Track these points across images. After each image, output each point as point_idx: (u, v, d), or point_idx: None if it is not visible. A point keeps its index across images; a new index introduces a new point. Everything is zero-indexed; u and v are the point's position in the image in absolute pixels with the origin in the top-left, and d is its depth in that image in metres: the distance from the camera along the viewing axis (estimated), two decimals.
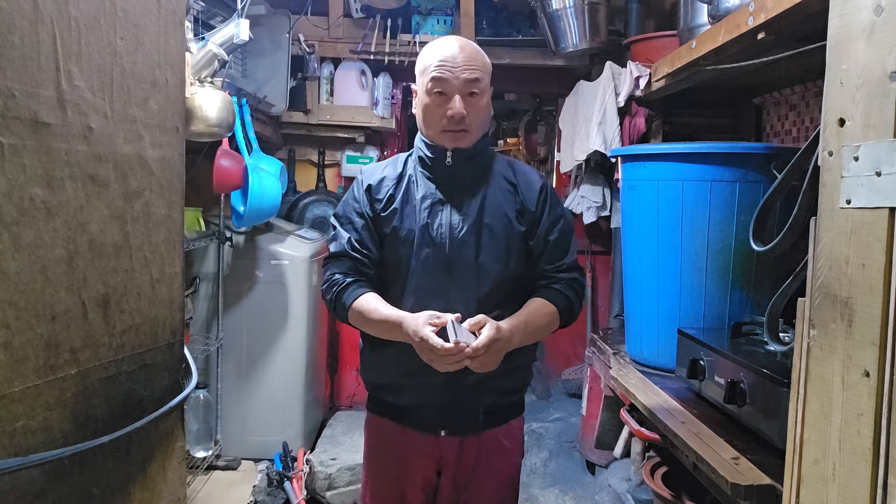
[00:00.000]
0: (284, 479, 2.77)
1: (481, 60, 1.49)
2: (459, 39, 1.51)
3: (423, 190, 1.52)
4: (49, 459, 1.10)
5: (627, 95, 2.73)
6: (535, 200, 1.54)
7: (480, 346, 1.34)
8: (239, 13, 2.28)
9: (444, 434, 1.54)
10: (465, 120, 1.46)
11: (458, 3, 3.39)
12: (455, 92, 1.45)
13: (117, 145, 1.33)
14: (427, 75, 1.47)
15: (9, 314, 1.06)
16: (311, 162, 3.76)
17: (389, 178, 1.54)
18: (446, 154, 1.50)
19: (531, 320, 1.48)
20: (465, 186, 1.52)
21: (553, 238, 1.55)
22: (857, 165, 0.97)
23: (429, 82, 1.46)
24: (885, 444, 0.90)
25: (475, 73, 1.46)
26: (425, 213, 1.49)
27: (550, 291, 1.53)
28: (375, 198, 1.53)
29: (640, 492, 2.43)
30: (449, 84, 1.44)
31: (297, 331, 3.08)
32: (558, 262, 1.55)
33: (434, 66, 1.45)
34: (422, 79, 1.49)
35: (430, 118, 1.48)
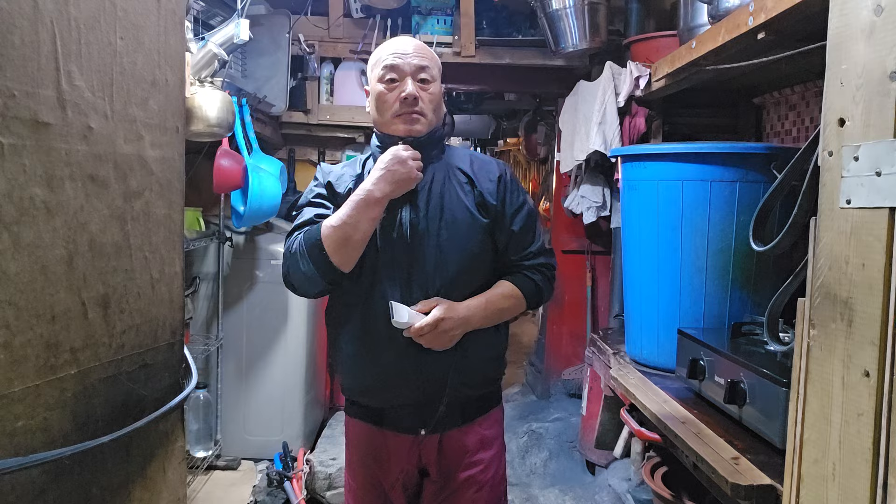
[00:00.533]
0: (284, 479, 2.77)
1: (430, 54, 1.55)
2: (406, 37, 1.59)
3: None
4: (49, 459, 1.10)
5: (627, 95, 2.73)
6: (494, 192, 1.54)
7: (425, 325, 1.40)
8: (239, 13, 2.28)
9: (423, 433, 1.53)
10: (418, 101, 1.48)
11: (458, 3, 3.39)
12: (407, 76, 1.49)
13: (117, 145, 1.33)
14: (378, 66, 1.51)
15: (9, 314, 1.06)
16: (311, 162, 3.76)
17: (348, 175, 1.57)
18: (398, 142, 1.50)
19: (492, 301, 1.51)
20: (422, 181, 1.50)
21: (517, 228, 1.55)
22: (857, 165, 0.97)
23: (381, 70, 1.50)
24: (885, 444, 0.90)
25: (424, 62, 1.50)
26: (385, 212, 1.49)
27: (516, 276, 1.56)
28: (336, 192, 1.54)
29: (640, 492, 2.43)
30: (400, 69, 1.49)
31: (297, 331, 3.08)
32: (524, 250, 1.57)
33: (385, 56, 1.51)
34: (373, 72, 1.53)
35: (383, 105, 1.51)
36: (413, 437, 1.54)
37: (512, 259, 1.57)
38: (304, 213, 1.54)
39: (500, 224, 1.54)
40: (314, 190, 1.58)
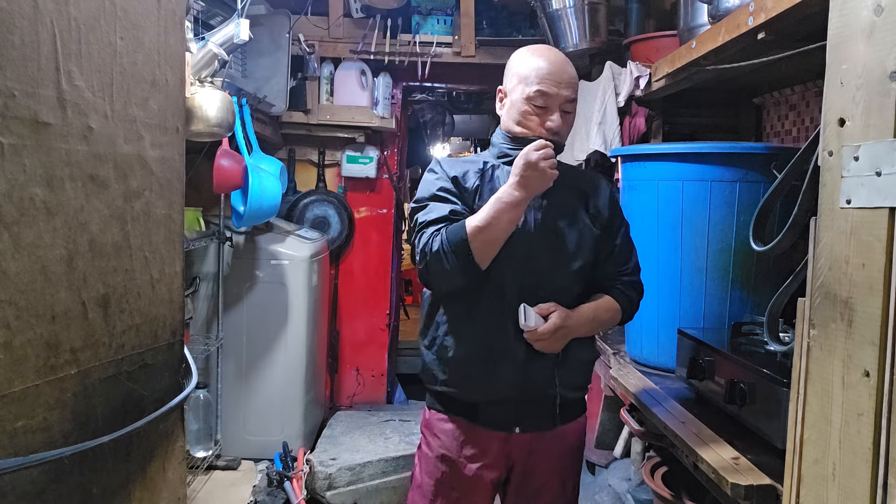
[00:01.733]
0: (284, 479, 2.77)
1: (577, 79, 1.58)
2: (559, 54, 1.58)
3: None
4: (49, 459, 1.10)
5: (627, 95, 2.73)
6: (605, 205, 1.61)
7: (546, 331, 1.46)
8: (239, 13, 2.28)
9: (517, 431, 1.55)
10: (559, 132, 1.54)
11: (458, 3, 3.39)
12: (556, 107, 1.52)
13: (117, 145, 1.33)
14: (530, 85, 1.51)
15: (9, 314, 1.06)
16: (311, 162, 3.76)
17: (472, 171, 1.57)
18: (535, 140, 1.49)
19: (598, 314, 1.57)
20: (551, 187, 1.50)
21: (619, 242, 1.62)
22: (857, 165, 0.97)
23: (532, 92, 1.50)
24: (885, 444, 0.90)
25: (574, 93, 1.55)
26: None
27: (616, 291, 1.61)
28: (464, 187, 1.55)
29: (640, 492, 2.43)
30: (552, 99, 1.51)
31: (297, 331, 3.08)
32: (623, 265, 1.63)
33: (540, 78, 1.50)
34: (522, 86, 1.53)
35: (526, 126, 1.54)
36: (506, 434, 1.55)
37: (610, 272, 1.62)
38: (434, 209, 1.51)
39: (606, 237, 1.61)
40: (437, 183, 1.55)
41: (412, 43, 3.40)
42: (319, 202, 3.70)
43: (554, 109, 1.53)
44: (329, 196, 3.71)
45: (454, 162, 1.63)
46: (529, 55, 1.57)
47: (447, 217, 1.49)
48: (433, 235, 1.47)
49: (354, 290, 3.82)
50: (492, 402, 1.54)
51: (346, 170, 3.69)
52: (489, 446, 1.56)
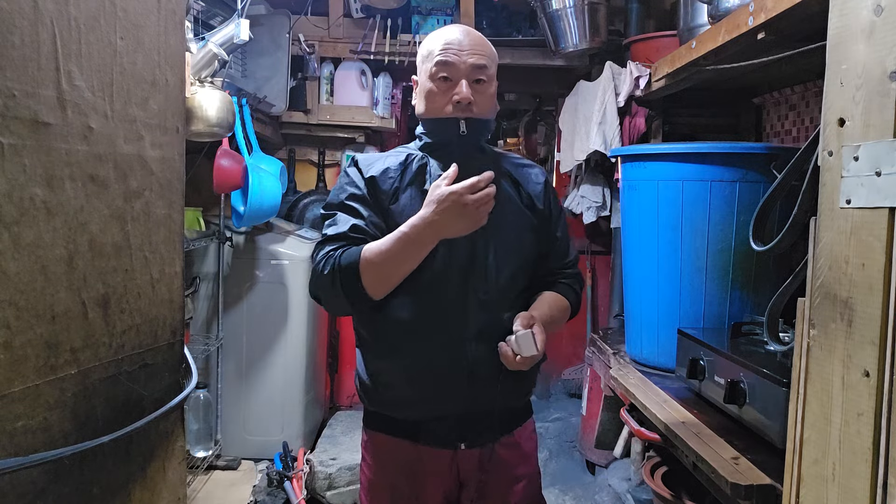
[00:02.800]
0: (284, 479, 2.77)
1: (488, 48, 1.42)
2: (465, 27, 1.44)
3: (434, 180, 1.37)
4: (49, 459, 1.10)
5: (627, 95, 2.73)
6: (540, 196, 1.49)
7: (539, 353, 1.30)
8: (239, 13, 2.28)
9: (463, 447, 1.43)
10: (471, 106, 1.37)
11: (458, 3, 3.39)
12: (461, 76, 1.37)
13: (117, 145, 1.33)
14: (431, 60, 1.38)
15: (9, 314, 1.06)
16: (311, 162, 3.76)
17: (393, 166, 1.43)
18: (460, 124, 1.38)
19: (554, 315, 1.44)
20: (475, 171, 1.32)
21: (560, 235, 1.53)
22: (857, 165, 0.97)
23: (433, 67, 1.38)
24: (885, 444, 0.90)
25: (482, 60, 1.38)
26: None
27: (561, 286, 1.52)
28: (381, 189, 1.40)
29: (640, 492, 2.43)
30: (455, 68, 1.37)
31: (297, 331, 3.08)
32: (564, 259, 1.55)
33: (439, 50, 1.38)
34: (425, 65, 1.41)
35: (434, 105, 1.39)
36: (452, 451, 1.43)
37: (553, 268, 1.52)
38: (339, 221, 1.39)
39: (545, 229, 1.49)
40: (347, 189, 1.42)
41: (412, 43, 3.40)
42: (319, 202, 3.69)
43: (460, 81, 1.36)
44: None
45: (374, 158, 1.46)
46: (432, 34, 1.44)
47: (345, 235, 1.36)
48: (326, 256, 1.34)
49: None
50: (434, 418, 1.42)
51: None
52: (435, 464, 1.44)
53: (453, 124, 1.38)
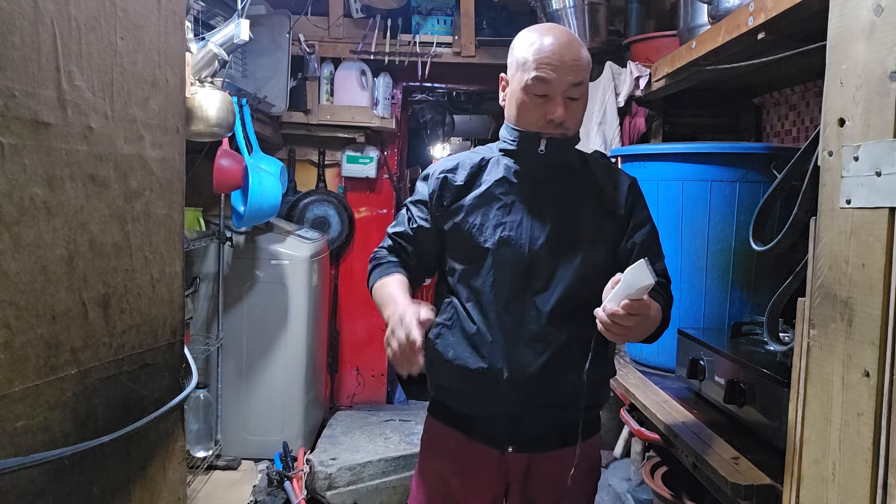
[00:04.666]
0: (284, 479, 2.77)
1: (585, 59, 1.36)
2: (564, 32, 1.37)
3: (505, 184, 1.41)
4: (49, 459, 1.10)
5: (627, 95, 2.73)
6: (623, 202, 1.43)
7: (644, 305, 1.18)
8: (239, 13, 2.28)
9: (510, 451, 1.41)
10: (563, 123, 1.35)
11: (458, 3, 3.39)
12: (557, 95, 1.33)
13: (117, 145, 1.33)
14: (528, 72, 1.33)
15: (9, 314, 1.06)
16: (311, 162, 3.76)
17: (467, 164, 1.45)
18: (540, 140, 1.36)
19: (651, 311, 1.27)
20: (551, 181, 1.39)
21: (640, 241, 1.42)
22: (857, 165, 0.97)
23: (529, 80, 1.33)
24: (885, 444, 0.90)
25: (580, 77, 1.34)
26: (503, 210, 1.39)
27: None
28: (451, 184, 1.43)
29: (640, 492, 2.43)
30: (552, 87, 1.32)
31: (297, 331, 3.08)
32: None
33: (537, 64, 1.32)
34: (520, 73, 1.35)
35: (527, 116, 1.37)
36: (500, 452, 1.42)
37: None
38: (401, 217, 1.51)
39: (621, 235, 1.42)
40: (415, 195, 1.49)
41: (412, 43, 3.40)
42: (319, 202, 3.70)
43: (556, 98, 1.33)
44: (329, 196, 3.71)
45: (451, 158, 1.50)
46: (529, 35, 1.38)
47: (395, 236, 1.49)
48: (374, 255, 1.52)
49: (354, 290, 3.82)
50: (484, 416, 1.42)
51: (346, 170, 3.69)
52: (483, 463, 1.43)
53: (535, 141, 1.37)
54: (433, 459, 1.51)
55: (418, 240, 1.48)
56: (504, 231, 1.37)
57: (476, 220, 1.39)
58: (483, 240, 1.38)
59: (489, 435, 1.42)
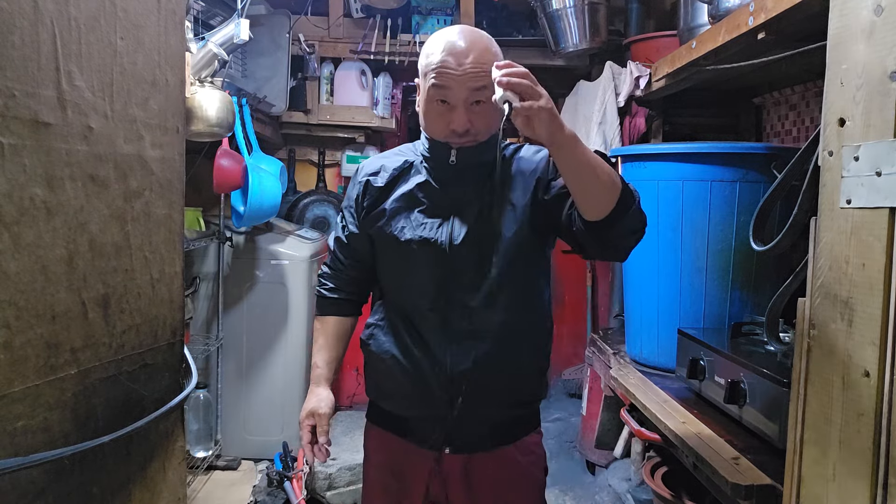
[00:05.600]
0: (284, 479, 2.77)
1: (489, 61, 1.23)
2: (466, 34, 1.29)
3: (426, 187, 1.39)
4: (49, 459, 1.10)
5: (627, 95, 2.73)
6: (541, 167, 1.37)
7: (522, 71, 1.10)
8: (239, 13, 2.28)
9: (448, 451, 1.39)
10: (469, 131, 1.30)
11: (458, 3, 3.39)
12: (459, 102, 1.27)
13: (117, 145, 1.33)
14: (428, 77, 1.28)
15: (9, 314, 1.06)
16: (311, 162, 3.76)
17: (391, 167, 1.43)
18: (450, 151, 1.34)
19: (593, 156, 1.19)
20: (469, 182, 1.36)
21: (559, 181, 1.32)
22: (857, 165, 0.97)
23: (430, 87, 1.28)
24: (885, 444, 0.90)
25: (481, 81, 1.24)
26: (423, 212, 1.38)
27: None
28: (373, 186, 1.43)
29: (640, 492, 2.43)
30: (452, 93, 1.26)
31: (297, 331, 3.08)
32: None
33: (435, 71, 1.26)
34: (423, 80, 1.31)
35: (432, 125, 1.34)
36: (437, 453, 1.40)
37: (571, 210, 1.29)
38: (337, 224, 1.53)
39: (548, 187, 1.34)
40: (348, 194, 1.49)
41: (412, 43, 3.40)
42: (319, 202, 3.70)
43: (458, 107, 1.27)
44: (329, 196, 3.71)
45: (375, 159, 1.48)
46: (432, 40, 1.31)
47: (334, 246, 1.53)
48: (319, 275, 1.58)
49: None
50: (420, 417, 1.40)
51: (346, 170, 3.69)
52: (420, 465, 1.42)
53: (445, 151, 1.35)
54: (373, 465, 1.51)
55: (352, 246, 1.48)
56: (424, 231, 1.36)
57: (398, 223, 1.38)
58: (405, 241, 1.36)
59: (424, 436, 1.40)
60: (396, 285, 1.43)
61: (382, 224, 1.40)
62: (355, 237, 1.47)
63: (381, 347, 1.43)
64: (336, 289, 1.54)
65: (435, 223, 1.36)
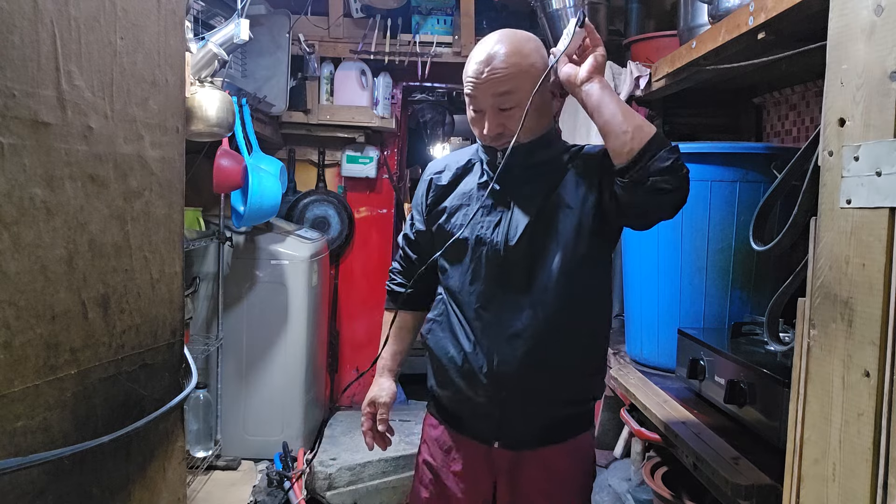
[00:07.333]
0: (284, 479, 2.77)
1: (512, 66, 1.31)
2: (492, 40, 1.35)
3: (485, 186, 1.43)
4: (49, 459, 1.10)
5: (627, 95, 2.73)
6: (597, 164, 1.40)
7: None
8: (239, 13, 2.28)
9: (497, 446, 1.44)
10: (501, 135, 1.36)
11: (458, 3, 3.39)
12: (487, 109, 1.35)
13: (117, 145, 1.33)
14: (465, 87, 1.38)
15: (9, 314, 1.06)
16: (311, 162, 3.76)
17: (453, 167, 1.51)
18: (496, 154, 1.40)
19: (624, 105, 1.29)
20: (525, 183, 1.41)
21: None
22: (858, 165, 0.97)
23: (465, 97, 1.39)
24: (885, 444, 0.90)
25: (503, 85, 1.31)
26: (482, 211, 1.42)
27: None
28: (437, 185, 1.51)
29: (640, 492, 2.42)
30: (479, 102, 1.36)
31: (297, 331, 3.08)
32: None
33: (465, 80, 1.37)
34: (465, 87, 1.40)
35: (475, 131, 1.42)
36: (487, 447, 1.45)
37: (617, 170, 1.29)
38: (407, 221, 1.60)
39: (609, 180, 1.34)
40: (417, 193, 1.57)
41: (412, 43, 3.40)
42: (319, 202, 3.70)
43: (486, 113, 1.36)
44: (329, 196, 3.71)
45: (442, 159, 1.57)
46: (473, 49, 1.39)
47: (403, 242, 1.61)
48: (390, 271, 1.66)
49: (354, 290, 3.82)
50: (474, 413, 1.45)
51: (346, 170, 3.69)
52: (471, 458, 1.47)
53: (492, 153, 1.42)
54: (426, 452, 1.57)
55: (419, 242, 1.56)
56: (481, 230, 1.41)
57: (457, 221, 1.44)
58: (462, 239, 1.42)
59: (475, 430, 1.46)
60: (453, 283, 1.46)
61: (443, 221, 1.47)
62: (422, 234, 1.55)
63: (437, 343, 1.48)
64: (403, 284, 1.60)
65: (492, 222, 1.41)
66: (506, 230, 1.39)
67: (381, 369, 1.59)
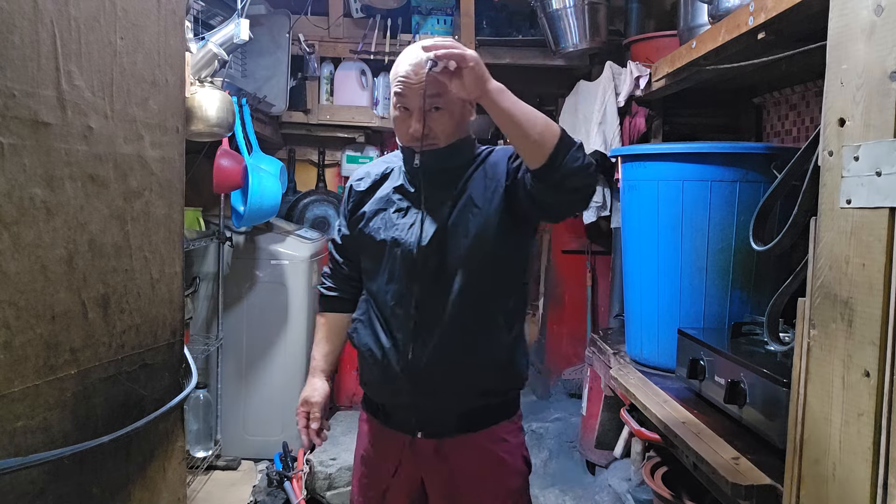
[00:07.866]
0: (284, 479, 2.77)
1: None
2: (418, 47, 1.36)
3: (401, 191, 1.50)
4: (49, 459, 1.10)
5: (627, 95, 2.73)
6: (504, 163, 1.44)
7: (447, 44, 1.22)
8: (239, 13, 2.28)
9: (420, 436, 1.48)
10: (427, 137, 1.39)
11: (458, 3, 3.39)
12: (414, 109, 1.37)
13: (117, 145, 1.33)
14: (392, 85, 1.41)
15: (9, 314, 1.06)
16: (311, 162, 3.76)
17: (374, 174, 1.57)
18: (414, 155, 1.44)
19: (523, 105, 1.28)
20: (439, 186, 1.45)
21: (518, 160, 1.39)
22: (858, 165, 0.97)
23: (393, 95, 1.41)
24: (885, 444, 0.90)
25: (436, 88, 1.33)
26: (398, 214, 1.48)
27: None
28: (357, 191, 1.57)
29: (640, 492, 2.42)
30: (409, 100, 1.37)
31: (297, 331, 3.08)
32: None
33: (395, 80, 1.39)
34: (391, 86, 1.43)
35: (398, 132, 1.45)
36: (411, 438, 1.49)
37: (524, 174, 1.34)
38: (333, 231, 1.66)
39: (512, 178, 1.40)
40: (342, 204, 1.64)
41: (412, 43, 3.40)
42: (319, 202, 3.70)
43: (414, 112, 1.37)
44: (329, 196, 3.71)
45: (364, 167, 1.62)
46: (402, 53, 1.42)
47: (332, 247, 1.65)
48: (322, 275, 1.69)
49: None
50: (396, 406, 1.50)
51: (346, 170, 3.69)
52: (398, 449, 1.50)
53: (411, 156, 1.45)
54: (361, 447, 1.62)
55: (345, 247, 1.62)
56: (396, 232, 1.46)
57: (375, 224, 1.50)
58: (380, 241, 1.48)
59: (399, 422, 1.51)
60: (372, 283, 1.52)
61: (363, 225, 1.52)
62: (347, 238, 1.60)
63: (360, 340, 1.53)
64: (333, 287, 1.66)
65: (406, 224, 1.46)
66: (419, 231, 1.43)
67: (314, 370, 1.64)
